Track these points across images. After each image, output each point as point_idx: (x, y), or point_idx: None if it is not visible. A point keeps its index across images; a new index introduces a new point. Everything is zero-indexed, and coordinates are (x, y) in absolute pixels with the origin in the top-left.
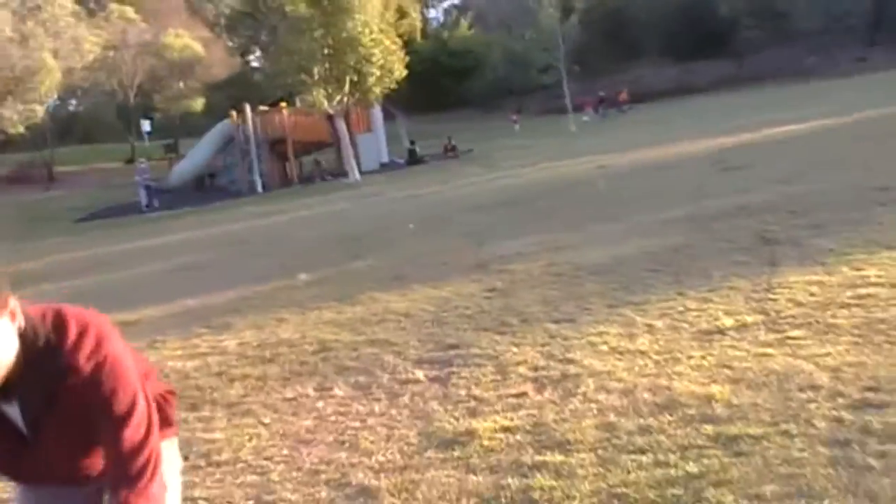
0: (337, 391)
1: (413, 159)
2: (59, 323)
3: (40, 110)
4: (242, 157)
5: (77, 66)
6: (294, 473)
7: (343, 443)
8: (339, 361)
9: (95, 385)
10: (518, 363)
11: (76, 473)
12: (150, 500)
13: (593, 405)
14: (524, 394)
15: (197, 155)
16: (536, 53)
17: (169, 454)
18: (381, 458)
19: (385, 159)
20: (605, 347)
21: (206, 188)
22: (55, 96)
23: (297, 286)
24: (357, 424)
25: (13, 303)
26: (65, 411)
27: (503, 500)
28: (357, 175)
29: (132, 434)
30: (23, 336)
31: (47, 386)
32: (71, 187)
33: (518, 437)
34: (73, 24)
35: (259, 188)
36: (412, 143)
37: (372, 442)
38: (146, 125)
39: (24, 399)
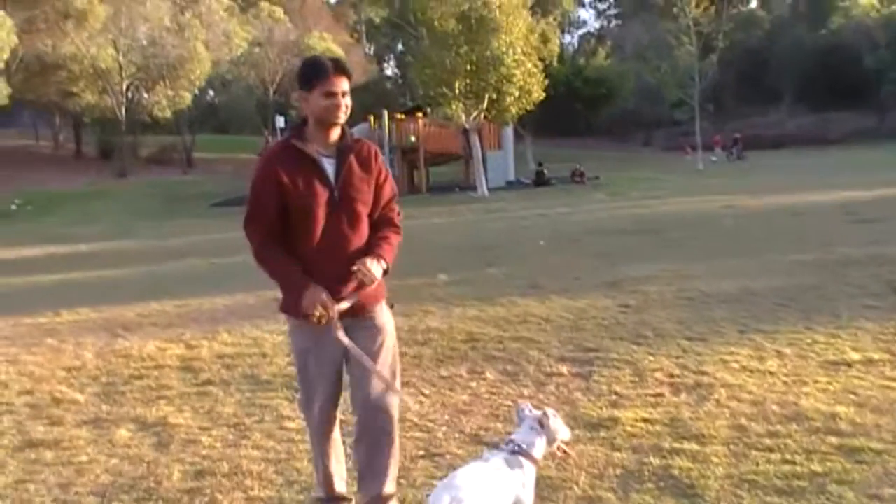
0: (488, 375)
1: (540, 180)
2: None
3: (188, 97)
4: None
5: (226, 58)
6: (457, 435)
7: (498, 416)
8: (487, 351)
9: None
10: (654, 369)
11: (350, 249)
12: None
13: (725, 410)
14: (661, 395)
15: None
16: (670, 88)
17: None
18: None
19: (512, 178)
20: (736, 365)
21: None
22: (202, 85)
23: (438, 285)
24: (509, 403)
25: None
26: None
27: (646, 473)
28: (485, 190)
29: (396, 206)
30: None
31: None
32: (207, 173)
33: (657, 427)
34: (226, 18)
35: None
36: (540, 164)
37: None
38: (281, 121)
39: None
